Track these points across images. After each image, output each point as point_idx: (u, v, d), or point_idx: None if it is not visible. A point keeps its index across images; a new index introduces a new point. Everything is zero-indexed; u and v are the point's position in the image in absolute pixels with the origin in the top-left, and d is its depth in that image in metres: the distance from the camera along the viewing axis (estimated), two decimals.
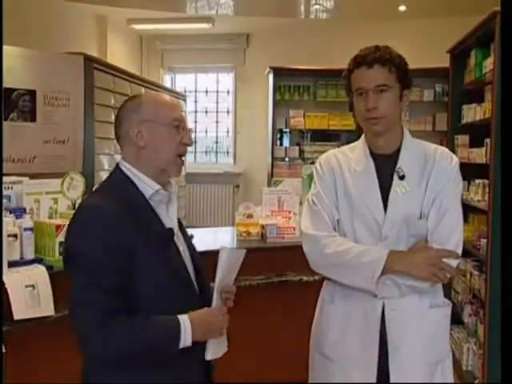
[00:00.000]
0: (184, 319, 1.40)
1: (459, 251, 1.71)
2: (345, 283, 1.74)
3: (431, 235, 1.71)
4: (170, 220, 1.52)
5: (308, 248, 1.78)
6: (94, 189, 1.62)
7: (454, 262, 1.68)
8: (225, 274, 1.51)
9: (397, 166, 1.75)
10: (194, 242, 1.72)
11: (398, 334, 1.72)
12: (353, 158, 1.82)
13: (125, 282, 1.37)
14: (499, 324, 2.92)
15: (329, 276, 1.80)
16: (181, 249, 1.53)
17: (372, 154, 1.80)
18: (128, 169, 1.50)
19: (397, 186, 1.74)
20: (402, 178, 1.74)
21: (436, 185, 1.73)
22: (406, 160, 1.76)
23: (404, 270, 1.66)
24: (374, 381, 1.72)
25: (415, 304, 1.73)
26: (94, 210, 1.41)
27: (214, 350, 1.51)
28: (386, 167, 1.76)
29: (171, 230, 1.50)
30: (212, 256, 3.04)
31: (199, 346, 1.46)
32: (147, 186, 1.48)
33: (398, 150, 1.78)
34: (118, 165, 1.53)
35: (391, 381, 1.71)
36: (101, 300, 1.34)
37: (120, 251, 1.37)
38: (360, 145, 1.84)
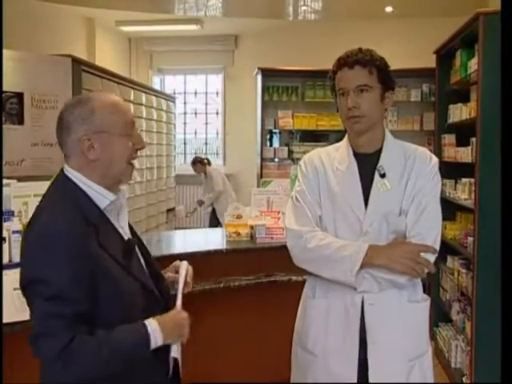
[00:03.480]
0: (149, 321, 1.36)
1: (437, 247, 1.75)
2: (326, 277, 1.79)
3: (410, 231, 1.75)
4: (121, 228, 1.46)
5: (291, 243, 1.83)
6: (40, 201, 1.43)
7: (431, 257, 1.72)
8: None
9: (378, 165, 1.80)
10: (185, 243, 1.73)
11: (376, 328, 1.76)
12: (336, 157, 1.87)
13: (90, 303, 1.30)
14: (486, 321, 2.97)
15: (310, 270, 1.84)
16: (140, 257, 1.49)
17: (355, 153, 1.85)
18: (77, 177, 1.40)
19: (378, 183, 1.79)
20: (382, 176, 1.79)
21: (415, 184, 1.77)
22: (387, 159, 1.81)
23: (382, 264, 1.70)
24: (355, 374, 1.76)
25: (394, 299, 1.77)
26: (54, 229, 1.29)
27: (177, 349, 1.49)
28: (367, 166, 1.81)
29: (131, 240, 1.45)
30: (202, 257, 3.06)
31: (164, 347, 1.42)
32: (101, 196, 1.39)
33: (380, 150, 1.83)
34: (63, 173, 1.42)
35: (369, 374, 1.76)
36: (63, 329, 1.25)
37: (85, 273, 1.29)
38: (344, 144, 1.89)
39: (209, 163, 6.94)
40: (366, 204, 1.78)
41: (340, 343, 1.79)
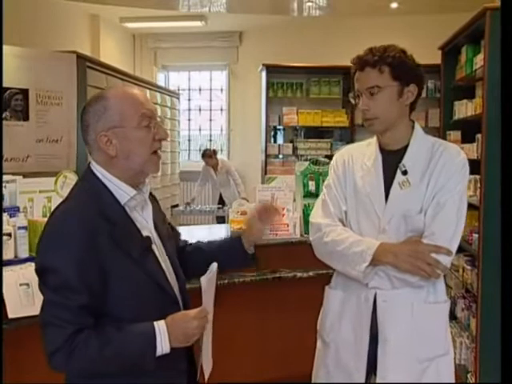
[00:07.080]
0: (160, 324, 1.34)
1: (452, 248, 1.72)
2: (339, 271, 1.82)
3: (426, 230, 1.73)
4: (145, 223, 1.46)
5: (312, 235, 1.87)
6: (67, 194, 1.49)
7: (444, 258, 1.69)
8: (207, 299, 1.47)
9: (401, 162, 1.78)
10: (189, 239, 1.72)
11: (388, 326, 1.75)
12: (366, 153, 1.87)
13: (97, 297, 1.31)
14: (491, 318, 2.96)
15: (327, 263, 1.85)
16: (157, 254, 1.46)
17: (382, 149, 1.84)
18: (101, 173, 1.42)
19: (399, 180, 1.77)
20: (404, 173, 1.76)
21: (438, 180, 1.74)
22: (412, 156, 1.78)
23: (391, 262, 1.69)
24: (364, 368, 1.77)
25: (408, 298, 1.75)
26: (69, 220, 1.33)
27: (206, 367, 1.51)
28: (392, 163, 1.79)
29: (148, 238, 1.44)
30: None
31: (182, 354, 1.42)
32: (122, 191, 1.42)
33: (406, 146, 1.80)
34: (90, 167, 1.45)
35: (377, 371, 1.76)
36: (68, 320, 1.28)
37: (94, 267, 1.30)
38: (373, 141, 1.89)
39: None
40: (387, 201, 1.77)
41: (351, 336, 1.80)
